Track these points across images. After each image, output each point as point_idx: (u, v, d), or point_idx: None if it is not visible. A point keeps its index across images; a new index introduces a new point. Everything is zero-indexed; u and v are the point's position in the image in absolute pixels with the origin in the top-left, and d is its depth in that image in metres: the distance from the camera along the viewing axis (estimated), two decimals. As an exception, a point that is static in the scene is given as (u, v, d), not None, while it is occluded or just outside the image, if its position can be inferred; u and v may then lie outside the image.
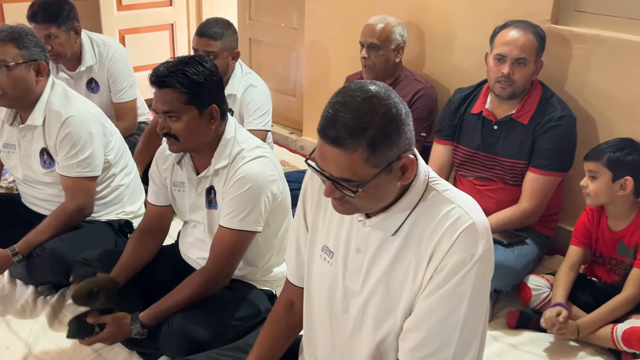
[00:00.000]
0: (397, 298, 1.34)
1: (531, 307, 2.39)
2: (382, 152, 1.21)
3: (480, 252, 1.25)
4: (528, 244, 2.50)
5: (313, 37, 3.79)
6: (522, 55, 2.42)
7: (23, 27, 2.34)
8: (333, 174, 1.23)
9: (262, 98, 3.00)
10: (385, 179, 1.25)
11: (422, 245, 1.30)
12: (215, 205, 2.04)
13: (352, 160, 1.20)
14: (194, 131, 1.91)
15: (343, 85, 1.27)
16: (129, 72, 3.32)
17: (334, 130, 1.19)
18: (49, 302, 2.38)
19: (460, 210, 1.28)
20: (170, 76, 1.85)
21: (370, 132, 1.18)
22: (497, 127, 2.57)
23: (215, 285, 1.98)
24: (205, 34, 2.83)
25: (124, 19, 4.49)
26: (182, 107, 1.87)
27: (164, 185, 2.14)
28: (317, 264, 1.48)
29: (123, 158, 2.60)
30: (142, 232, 2.18)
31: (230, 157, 1.97)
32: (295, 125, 4.31)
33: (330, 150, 1.21)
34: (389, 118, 1.21)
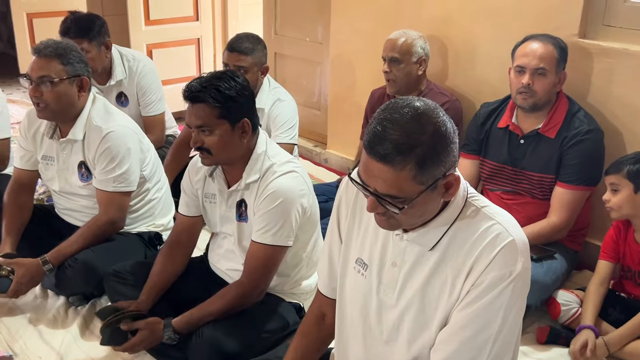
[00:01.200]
0: (432, 312, 1.33)
1: (560, 322, 2.36)
2: (430, 170, 1.20)
3: (518, 270, 1.25)
4: (557, 258, 2.47)
5: (338, 51, 3.81)
6: (541, 65, 2.41)
7: (68, 43, 2.38)
8: (378, 189, 1.22)
9: (289, 112, 3.01)
10: (430, 196, 1.24)
11: (459, 261, 1.29)
12: (245, 219, 2.05)
13: (400, 177, 1.20)
14: (226, 145, 1.93)
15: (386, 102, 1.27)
16: (157, 86, 3.36)
17: (382, 147, 1.19)
18: (80, 312, 2.40)
19: (499, 227, 1.28)
20: (203, 91, 1.89)
21: (419, 150, 1.18)
22: (524, 141, 2.55)
23: (249, 299, 2.00)
24: (237, 49, 2.86)
25: (152, 34, 4.55)
26: (215, 121, 1.90)
27: (195, 196, 2.16)
28: (351, 276, 1.47)
29: (157, 173, 2.63)
30: (171, 245, 2.20)
31: (261, 171, 1.99)
32: (319, 138, 4.32)
33: (378, 167, 1.20)
34: (438, 136, 1.20)
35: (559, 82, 2.48)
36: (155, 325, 1.95)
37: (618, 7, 2.63)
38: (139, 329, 1.94)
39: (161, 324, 1.95)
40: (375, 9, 3.47)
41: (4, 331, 2.30)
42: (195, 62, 4.86)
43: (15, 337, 2.27)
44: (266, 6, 4.45)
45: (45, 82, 2.28)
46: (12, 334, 2.29)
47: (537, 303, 2.37)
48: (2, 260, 2.31)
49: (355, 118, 3.47)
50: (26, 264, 2.30)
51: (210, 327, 1.92)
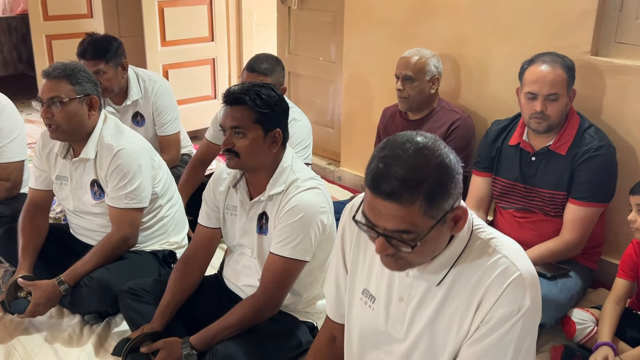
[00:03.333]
0: (442, 347, 1.32)
1: (575, 341, 2.33)
2: (439, 203, 1.18)
3: (527, 305, 1.23)
4: (572, 276, 2.44)
5: (351, 70, 3.83)
6: (553, 91, 2.40)
7: (76, 64, 2.42)
8: (388, 227, 1.18)
9: (303, 132, 3.03)
10: (440, 231, 1.22)
11: (467, 296, 1.27)
12: (265, 231, 2.06)
13: (410, 213, 1.16)
14: (255, 151, 1.97)
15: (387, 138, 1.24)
16: (173, 106, 3.40)
17: (388, 184, 1.15)
18: (95, 330, 2.41)
19: (506, 261, 1.26)
20: (244, 94, 1.95)
21: (426, 184, 1.16)
22: (535, 158, 2.54)
23: (264, 313, 2.01)
24: (257, 70, 2.88)
25: (168, 54, 4.60)
26: (250, 125, 1.95)
27: (217, 207, 2.18)
28: (358, 306, 1.46)
29: (169, 190, 2.65)
30: (186, 260, 2.21)
31: (286, 184, 2.02)
32: (332, 156, 4.33)
33: (385, 205, 1.17)
34: (444, 168, 1.18)
35: (570, 100, 2.47)
36: (174, 344, 1.96)
37: (630, 24, 2.62)
38: (159, 349, 1.96)
39: (179, 343, 1.96)
40: (388, 28, 3.49)
41: (20, 350, 2.32)
42: (210, 82, 4.90)
43: (31, 356, 2.28)
44: (280, 26, 4.50)
45: (55, 102, 2.32)
46: (28, 352, 2.30)
47: (552, 322, 2.35)
48: (20, 281, 2.33)
49: (368, 136, 3.47)
50: (43, 285, 2.33)
51: (224, 346, 1.92)
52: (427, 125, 3.01)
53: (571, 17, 2.71)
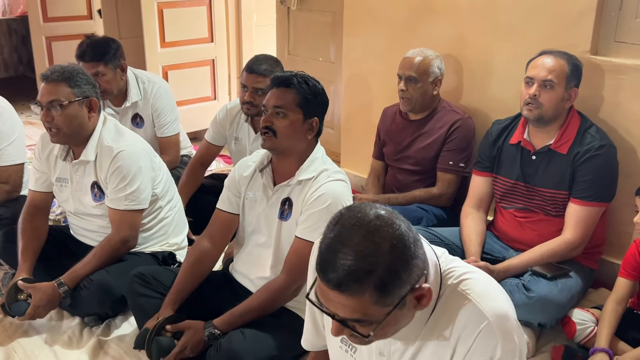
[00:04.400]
0: None
1: (576, 341, 2.33)
2: (393, 291, 1.10)
3: (499, 355, 1.19)
4: (572, 277, 2.43)
5: (351, 71, 3.83)
6: (549, 77, 2.41)
7: (74, 67, 2.43)
8: (340, 314, 1.12)
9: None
10: (400, 313, 1.15)
11: (443, 349, 1.24)
12: (287, 217, 2.11)
13: (361, 304, 1.09)
14: (293, 133, 2.05)
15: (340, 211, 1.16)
16: (172, 107, 3.41)
17: (335, 274, 1.07)
18: (95, 332, 2.42)
19: (473, 308, 1.20)
20: (293, 78, 2.05)
21: (376, 274, 1.07)
22: (536, 157, 2.54)
23: (286, 296, 2.06)
24: (256, 71, 2.88)
25: (167, 56, 4.61)
26: (293, 107, 2.04)
27: (239, 192, 2.22)
28: (338, 354, 1.43)
29: (169, 191, 2.65)
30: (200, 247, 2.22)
31: (317, 172, 2.08)
32: (333, 156, 4.27)
33: (334, 294, 1.10)
34: (396, 254, 1.09)
35: (569, 99, 2.47)
36: (197, 326, 2.01)
37: (630, 23, 2.62)
38: (184, 329, 2.01)
39: (202, 325, 2.01)
40: (388, 28, 3.49)
41: (20, 352, 2.32)
42: (210, 83, 4.91)
43: (30, 358, 2.29)
44: (279, 27, 4.50)
45: (55, 106, 2.32)
46: (28, 354, 2.31)
47: (552, 322, 2.35)
48: (20, 284, 2.34)
49: (368, 136, 3.48)
50: (43, 288, 2.33)
51: (227, 340, 1.96)
52: (428, 126, 3.02)
53: (571, 17, 2.71)
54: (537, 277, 2.37)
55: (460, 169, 2.93)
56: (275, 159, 2.15)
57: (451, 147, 2.95)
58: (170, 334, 2.02)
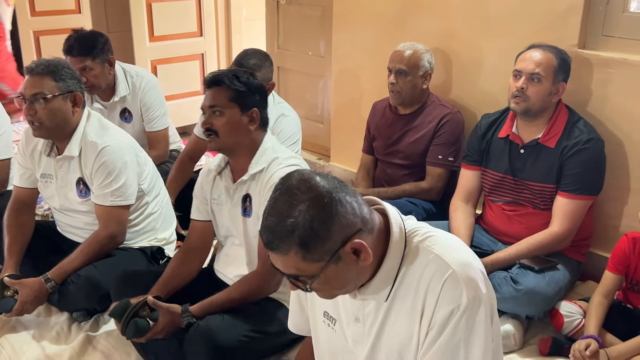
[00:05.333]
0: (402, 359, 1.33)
1: (564, 333, 2.35)
2: (318, 248, 1.18)
3: (465, 302, 1.22)
4: (559, 269, 2.45)
5: (341, 65, 3.83)
6: (537, 70, 2.43)
7: (59, 60, 2.41)
8: (281, 270, 1.23)
9: (292, 127, 3.03)
10: (338, 268, 1.21)
11: (412, 304, 1.28)
12: (249, 213, 2.11)
13: (290, 260, 1.19)
14: (233, 129, 2.05)
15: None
16: (161, 102, 3.39)
17: (265, 234, 1.20)
18: (84, 328, 2.41)
19: (438, 260, 1.25)
20: (222, 76, 2.07)
21: (296, 233, 1.16)
22: (524, 151, 2.56)
23: (267, 289, 2.07)
24: (245, 65, 2.88)
25: (156, 50, 4.59)
26: (227, 103, 2.04)
27: (205, 199, 2.23)
28: (322, 329, 1.48)
29: (156, 186, 2.65)
30: (185, 251, 2.26)
31: (267, 162, 2.08)
32: (322, 151, 4.34)
33: (270, 254, 1.22)
34: (312, 215, 1.17)
35: (557, 93, 2.48)
36: (175, 310, 2.01)
37: (617, 17, 2.64)
38: (162, 311, 2.00)
39: (179, 310, 2.01)
40: (377, 22, 3.50)
41: (8, 348, 2.32)
42: (199, 77, 4.90)
43: (18, 354, 2.28)
44: (269, 21, 4.49)
45: (38, 99, 2.31)
46: (16, 350, 2.30)
47: (540, 314, 2.37)
48: (7, 280, 2.33)
49: (358, 131, 3.48)
50: (29, 283, 2.32)
51: (206, 320, 1.97)
52: (417, 120, 3.03)
53: (559, 11, 2.72)
54: (525, 270, 2.39)
55: (449, 163, 2.94)
56: (229, 158, 2.16)
57: (440, 141, 2.96)
58: (147, 313, 2.00)
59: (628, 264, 2.29)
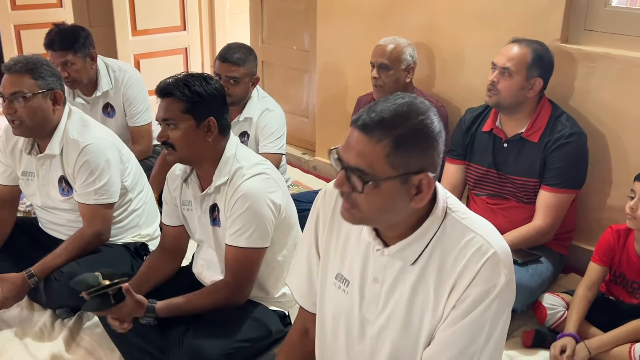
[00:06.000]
0: (417, 329, 1.33)
1: (547, 326, 2.37)
2: (405, 155, 1.20)
3: (502, 283, 1.25)
4: (543, 262, 2.48)
5: (325, 59, 3.83)
6: (507, 65, 2.45)
7: (38, 58, 2.37)
8: (350, 162, 1.22)
9: (277, 122, 3.03)
10: (397, 189, 1.23)
11: (442, 276, 1.29)
12: (218, 223, 2.07)
13: (374, 150, 1.20)
14: (189, 141, 1.96)
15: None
16: (144, 96, 3.38)
17: (367, 117, 1.21)
18: (67, 325, 2.40)
19: (481, 239, 1.27)
20: (173, 85, 1.94)
21: (399, 130, 1.19)
22: (508, 145, 2.58)
23: (235, 301, 2.03)
24: (229, 60, 2.87)
25: (139, 44, 4.57)
26: (180, 115, 1.94)
27: (175, 205, 2.18)
28: (331, 292, 1.46)
29: (139, 183, 2.63)
30: (158, 252, 2.24)
31: (230, 174, 2.01)
32: (307, 145, 4.34)
33: (357, 136, 1.21)
34: (422, 127, 1.21)
35: (531, 88, 2.48)
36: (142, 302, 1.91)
37: (599, 12, 2.66)
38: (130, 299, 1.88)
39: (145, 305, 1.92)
40: (361, 16, 3.50)
41: (-10, 345, 2.30)
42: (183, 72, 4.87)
43: (1, 351, 2.27)
44: (253, 15, 4.48)
45: (17, 98, 2.28)
46: (-2, 347, 2.29)
47: (523, 307, 2.39)
48: None
49: (343, 125, 3.49)
50: (11, 278, 2.31)
51: (191, 336, 1.93)
52: (402, 114, 3.03)
53: (541, 6, 2.74)
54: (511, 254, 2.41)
55: (433, 157, 2.96)
56: (194, 167, 2.09)
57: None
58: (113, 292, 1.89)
59: (612, 256, 2.32)
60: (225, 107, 2.05)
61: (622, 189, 2.63)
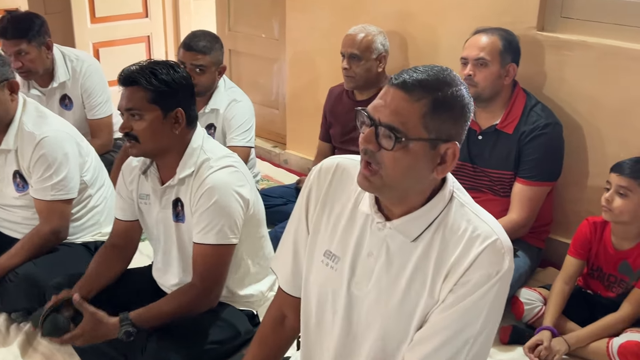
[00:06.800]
0: (411, 310, 1.34)
1: (524, 321, 2.42)
2: (440, 118, 1.24)
3: (505, 269, 1.28)
4: (519, 256, 2.52)
5: (295, 48, 3.84)
6: (481, 55, 2.50)
7: None
8: (382, 119, 1.24)
9: (245, 113, 3.02)
10: (425, 153, 1.25)
11: (441, 258, 1.31)
12: (182, 219, 2.04)
13: (411, 109, 1.23)
14: (155, 133, 1.92)
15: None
16: (103, 87, 3.35)
17: (409, 76, 1.24)
18: (23, 329, 2.38)
19: (484, 226, 1.31)
20: (138, 73, 1.90)
21: (439, 94, 1.23)
22: (482, 137, 2.61)
23: (203, 305, 1.99)
24: (194, 48, 2.86)
25: (98, 32, 4.53)
26: (146, 105, 1.90)
27: (131, 198, 2.14)
28: (318, 269, 1.46)
29: (99, 178, 2.61)
30: (108, 248, 2.19)
31: (196, 165, 1.99)
32: (278, 138, 4.34)
33: (394, 93, 1.24)
34: (459, 97, 1.26)
35: (507, 75, 2.54)
36: (102, 319, 1.88)
37: (575, -1, 2.71)
38: (85, 314, 1.87)
39: (107, 319, 1.88)
40: (333, 3, 3.51)
41: (-59, 352, 2.27)
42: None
43: (-48, 358, 2.25)
44: (219, 1, 4.46)
45: None
46: (-50, 354, 2.26)
47: (500, 303, 2.43)
48: None
49: (314, 117, 3.50)
50: None
51: (155, 340, 1.91)
52: (375, 105, 3.05)
53: (517, -8, 2.78)
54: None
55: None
56: (155, 159, 2.05)
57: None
58: (70, 314, 1.90)
59: (589, 249, 2.37)
60: (194, 97, 2.04)
61: (598, 180, 2.67)
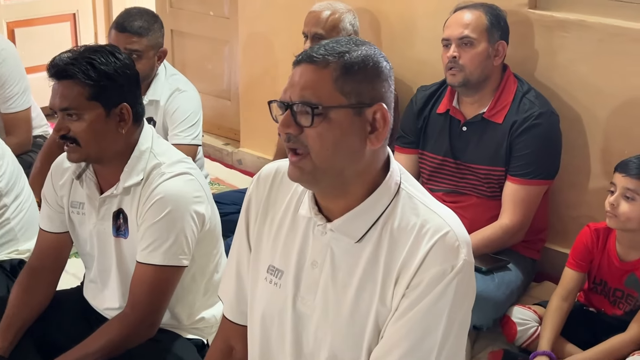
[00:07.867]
0: (362, 321, 1.34)
1: (517, 344, 2.44)
2: (355, 80, 1.29)
3: (460, 263, 1.29)
4: (511, 269, 2.54)
5: (249, 28, 3.84)
6: (465, 33, 2.53)
7: None
8: (294, 97, 1.30)
9: (190, 105, 3.01)
10: (350, 121, 1.29)
11: (390, 260, 1.32)
12: (125, 233, 2.01)
13: (321, 76, 1.29)
14: (98, 135, 1.89)
15: None
16: (20, 75, 3.32)
17: (312, 51, 1.32)
18: None
19: (435, 218, 1.32)
20: (72, 65, 1.85)
21: (348, 56, 1.30)
22: (467, 128, 2.64)
23: (138, 336, 1.96)
24: (128, 29, 2.84)
25: (13, 10, 4.50)
26: (85, 103, 1.87)
27: (60, 206, 2.11)
28: (262, 289, 1.47)
29: (17, 184, 2.57)
30: (30, 272, 2.14)
31: (145, 172, 1.96)
32: (230, 134, 4.33)
33: (301, 70, 1.31)
34: (371, 54, 1.33)
35: (497, 54, 2.57)
36: None
37: (572, -30, 2.75)
38: None
39: None
40: (293, -25, 3.52)
41: None
42: (70, 44, 4.79)
43: None
44: (159, -27, 4.44)
45: None
46: None
47: (489, 323, 2.45)
48: None
49: (272, 109, 3.49)
50: None
51: None
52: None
53: (506, -36, 2.81)
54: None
55: (381, 145, 3.00)
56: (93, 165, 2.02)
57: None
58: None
59: (590, 260, 2.39)
60: (139, 89, 2.02)
61: (601, 180, 2.72)
